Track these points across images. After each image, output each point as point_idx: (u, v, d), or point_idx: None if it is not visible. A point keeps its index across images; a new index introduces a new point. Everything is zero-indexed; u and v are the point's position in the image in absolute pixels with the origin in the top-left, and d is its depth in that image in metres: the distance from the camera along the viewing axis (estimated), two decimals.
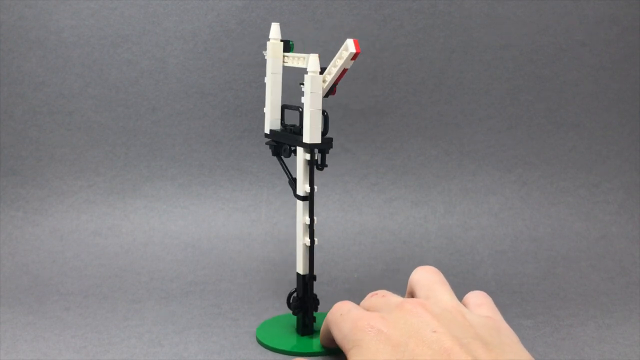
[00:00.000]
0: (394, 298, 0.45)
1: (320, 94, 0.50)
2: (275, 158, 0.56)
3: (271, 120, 0.55)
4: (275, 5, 0.83)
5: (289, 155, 0.54)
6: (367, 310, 0.46)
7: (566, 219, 0.82)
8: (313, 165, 0.51)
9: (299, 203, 0.52)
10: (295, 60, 0.54)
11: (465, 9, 0.84)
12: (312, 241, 0.52)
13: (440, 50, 0.84)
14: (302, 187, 0.52)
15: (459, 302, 0.43)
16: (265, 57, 0.55)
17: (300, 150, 0.52)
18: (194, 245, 0.78)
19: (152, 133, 0.85)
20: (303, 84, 0.50)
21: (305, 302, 0.53)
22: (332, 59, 0.50)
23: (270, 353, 0.51)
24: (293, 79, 0.56)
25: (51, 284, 0.67)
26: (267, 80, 0.55)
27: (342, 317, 0.44)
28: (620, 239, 0.79)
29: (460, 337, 0.37)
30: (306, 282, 0.53)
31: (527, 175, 0.85)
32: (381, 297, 0.46)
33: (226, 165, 0.85)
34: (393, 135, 0.85)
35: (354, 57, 0.49)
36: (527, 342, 0.52)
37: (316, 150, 0.51)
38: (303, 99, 0.51)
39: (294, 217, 0.84)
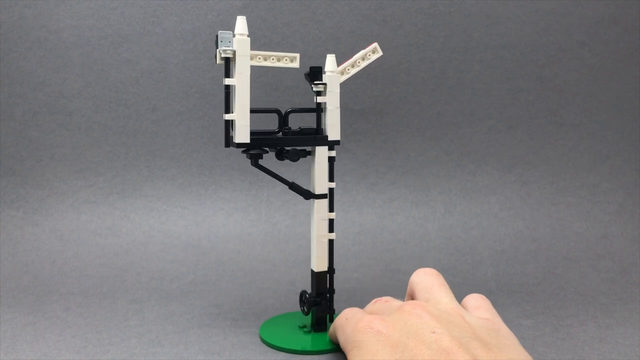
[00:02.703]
0: (396, 303, 0.46)
1: (339, 93, 0.52)
2: (271, 158, 0.54)
3: (244, 127, 0.49)
4: (275, 5, 0.83)
5: (298, 159, 0.53)
6: (370, 313, 0.47)
7: (566, 219, 0.82)
8: (333, 162, 0.53)
9: (317, 202, 0.53)
10: (274, 60, 0.52)
11: (465, 9, 0.84)
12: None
13: (440, 50, 0.84)
14: (326, 185, 0.53)
15: (458, 305, 0.43)
16: (224, 56, 0.49)
17: (321, 149, 0.52)
18: (194, 245, 0.78)
19: (152, 133, 0.84)
20: (317, 83, 0.51)
21: (330, 296, 0.54)
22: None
23: (270, 353, 0.51)
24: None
25: (51, 284, 0.67)
26: (233, 82, 0.49)
27: (347, 321, 0.45)
28: (620, 239, 0.79)
29: (459, 337, 0.37)
30: (332, 275, 0.54)
31: (527, 175, 0.85)
32: (384, 303, 0.47)
33: (226, 165, 0.85)
34: (393, 135, 0.85)
35: None
36: (527, 342, 0.52)
37: None
38: (320, 99, 0.52)
39: (295, 217, 0.84)
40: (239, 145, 0.50)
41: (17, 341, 0.52)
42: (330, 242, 0.54)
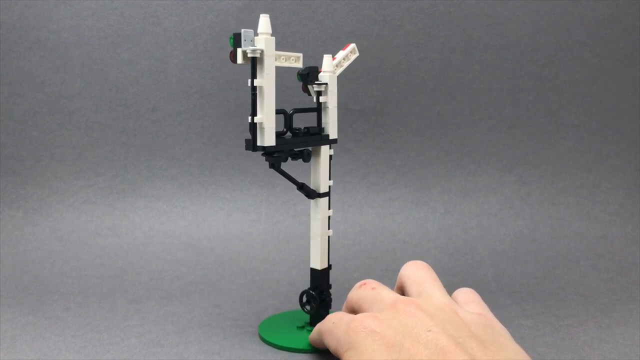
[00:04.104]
0: (385, 292, 0.44)
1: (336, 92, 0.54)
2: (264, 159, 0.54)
3: (271, 129, 0.47)
4: (275, 5, 0.83)
5: (310, 159, 0.53)
6: (356, 300, 0.46)
7: (566, 219, 0.82)
8: (331, 160, 0.54)
9: (321, 200, 0.53)
10: (284, 59, 0.51)
11: (465, 9, 0.84)
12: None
13: (440, 50, 0.84)
14: (327, 183, 0.54)
15: (451, 300, 0.43)
16: (252, 55, 0.46)
17: (324, 148, 0.53)
18: (194, 245, 0.78)
19: (152, 133, 0.84)
20: (319, 83, 0.52)
21: (328, 293, 0.55)
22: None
23: (270, 353, 0.51)
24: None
25: (51, 284, 0.67)
26: (262, 83, 0.47)
27: (335, 325, 0.44)
28: (620, 239, 0.79)
29: (455, 336, 0.37)
30: (328, 273, 0.55)
31: (527, 175, 0.85)
32: (371, 290, 0.45)
33: (226, 165, 0.85)
34: (393, 135, 0.85)
35: None
36: (527, 342, 0.52)
37: None
38: (322, 98, 0.53)
39: (295, 216, 0.84)
40: (265, 148, 0.47)
41: (17, 341, 0.52)
42: (329, 238, 0.55)
